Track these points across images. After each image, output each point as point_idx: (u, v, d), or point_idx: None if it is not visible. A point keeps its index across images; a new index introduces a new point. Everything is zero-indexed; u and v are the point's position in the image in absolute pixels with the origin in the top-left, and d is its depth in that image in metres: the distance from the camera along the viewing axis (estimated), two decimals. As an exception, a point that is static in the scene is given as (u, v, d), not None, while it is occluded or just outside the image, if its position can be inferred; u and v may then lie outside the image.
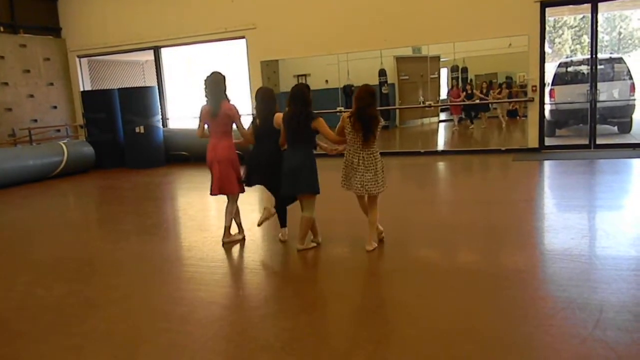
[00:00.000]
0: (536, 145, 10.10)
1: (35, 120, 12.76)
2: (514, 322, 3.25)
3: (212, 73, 5.13)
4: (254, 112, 5.19)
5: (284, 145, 4.91)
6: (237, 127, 5.15)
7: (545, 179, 8.31)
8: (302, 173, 4.70)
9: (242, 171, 5.25)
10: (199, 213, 6.97)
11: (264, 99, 5.09)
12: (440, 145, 12.45)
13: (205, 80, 5.12)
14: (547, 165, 8.98)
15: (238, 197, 5.31)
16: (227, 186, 5.14)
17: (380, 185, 4.65)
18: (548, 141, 10.43)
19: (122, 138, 11.92)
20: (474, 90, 11.72)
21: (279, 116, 4.94)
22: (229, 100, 5.12)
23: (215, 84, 5.07)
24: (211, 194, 5.20)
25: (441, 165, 10.08)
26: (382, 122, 4.66)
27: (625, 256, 4.30)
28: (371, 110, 4.57)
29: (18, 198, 8.95)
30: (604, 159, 8.99)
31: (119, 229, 6.54)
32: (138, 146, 11.51)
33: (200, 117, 5.20)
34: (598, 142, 9.96)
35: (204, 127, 5.22)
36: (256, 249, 5.16)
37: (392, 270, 4.38)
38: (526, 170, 8.72)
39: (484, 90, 11.69)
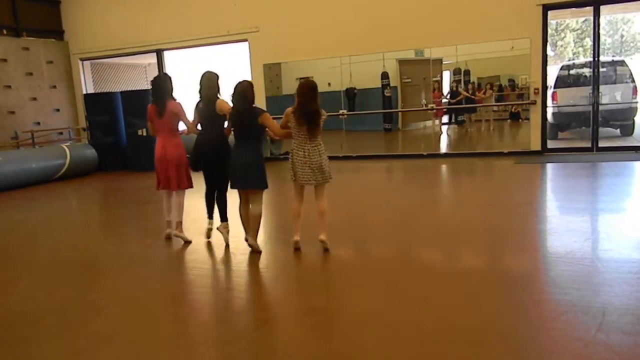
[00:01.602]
0: (538, 148, 10.10)
1: (38, 123, 12.80)
2: (515, 324, 3.24)
3: (158, 75, 5.51)
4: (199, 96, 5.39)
5: (229, 134, 5.12)
6: (184, 122, 5.45)
7: (547, 182, 8.30)
8: (251, 170, 4.88)
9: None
10: (201, 216, 6.96)
11: (208, 82, 5.28)
12: (443, 148, 12.44)
13: (152, 82, 5.48)
14: (550, 168, 8.97)
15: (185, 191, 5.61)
16: (178, 182, 5.43)
17: (326, 176, 4.84)
18: (550, 144, 10.44)
19: (124, 141, 11.94)
20: (459, 89, 11.73)
21: (221, 103, 5.14)
22: (174, 100, 5.42)
23: (161, 85, 5.41)
24: (158, 188, 5.55)
25: (443, 168, 10.08)
26: (325, 115, 4.80)
27: (628, 259, 4.29)
28: (313, 104, 4.72)
29: (21, 200, 8.97)
30: (606, 161, 8.98)
31: (122, 232, 6.55)
32: (141, 149, 11.48)
33: (149, 118, 5.52)
34: (600, 144, 9.95)
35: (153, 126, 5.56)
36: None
37: (394, 273, 4.37)
38: (528, 173, 8.71)
39: (470, 91, 11.70)
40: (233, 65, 12.77)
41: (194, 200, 6.22)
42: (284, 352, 3.10)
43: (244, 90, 4.89)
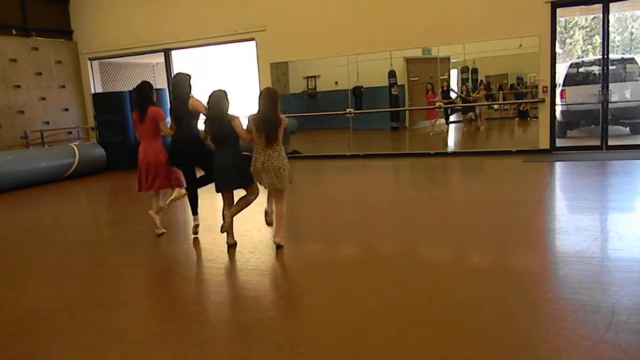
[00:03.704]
0: (547, 147, 10.05)
1: (47, 123, 12.89)
2: (524, 323, 3.22)
3: (141, 82, 5.73)
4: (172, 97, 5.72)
5: (207, 140, 5.30)
6: (161, 127, 5.60)
7: (556, 180, 8.25)
8: (235, 172, 5.06)
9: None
10: (209, 214, 6.98)
11: (180, 83, 5.56)
12: (450, 146, 12.41)
13: (134, 91, 5.71)
14: (558, 166, 8.92)
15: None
16: (167, 182, 5.71)
17: (284, 181, 4.95)
18: (559, 142, 10.38)
19: (133, 140, 11.97)
20: (451, 91, 11.69)
21: (193, 101, 5.40)
22: (155, 106, 5.65)
23: (141, 94, 5.63)
24: (138, 190, 5.77)
25: (451, 166, 10.04)
26: (285, 123, 4.91)
27: (638, 258, 4.26)
28: (272, 113, 4.85)
29: (30, 199, 9.03)
30: (615, 160, 8.92)
31: (130, 230, 6.57)
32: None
33: (133, 124, 5.81)
34: (610, 143, 9.88)
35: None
36: (265, 249, 5.17)
37: (401, 270, 4.37)
38: (537, 172, 8.66)
39: (464, 93, 11.67)
40: (240, 64, 12.81)
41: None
42: (290, 350, 3.10)
43: (216, 99, 5.07)
